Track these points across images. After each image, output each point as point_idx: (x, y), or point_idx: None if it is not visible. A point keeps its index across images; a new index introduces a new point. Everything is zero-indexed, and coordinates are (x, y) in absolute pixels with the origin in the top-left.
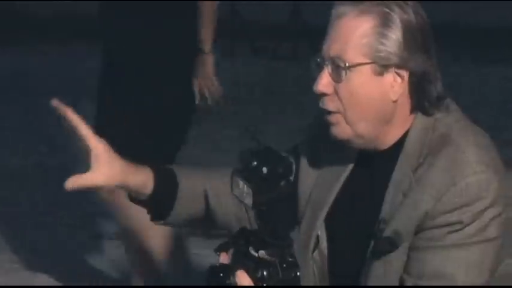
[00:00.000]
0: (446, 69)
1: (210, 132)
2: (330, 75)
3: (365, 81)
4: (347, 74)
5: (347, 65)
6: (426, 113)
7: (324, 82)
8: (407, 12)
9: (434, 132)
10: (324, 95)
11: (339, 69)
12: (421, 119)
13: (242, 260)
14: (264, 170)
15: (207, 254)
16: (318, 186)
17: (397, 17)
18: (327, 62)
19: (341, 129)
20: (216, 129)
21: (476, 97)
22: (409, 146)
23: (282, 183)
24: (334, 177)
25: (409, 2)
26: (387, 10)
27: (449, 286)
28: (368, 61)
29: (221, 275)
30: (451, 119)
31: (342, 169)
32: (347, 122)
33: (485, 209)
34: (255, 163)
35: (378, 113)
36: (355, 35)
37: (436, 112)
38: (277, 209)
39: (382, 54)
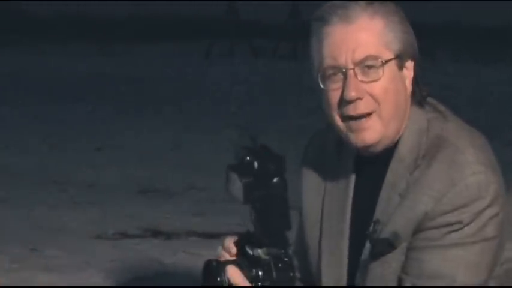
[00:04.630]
0: (446, 69)
1: (210, 132)
2: (358, 79)
3: (394, 76)
4: (384, 70)
5: (383, 61)
6: (418, 101)
7: (354, 87)
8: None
9: (429, 134)
10: (357, 99)
11: (372, 69)
12: (414, 118)
13: (237, 257)
14: (255, 164)
15: (207, 254)
16: (328, 216)
17: (395, 12)
18: (351, 68)
19: (373, 131)
20: (216, 129)
21: (475, 97)
22: (403, 147)
23: (274, 180)
24: (341, 205)
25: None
26: (388, 8)
27: (448, 286)
28: (394, 56)
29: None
30: (443, 120)
31: (346, 195)
32: (382, 120)
33: (484, 209)
34: (248, 158)
35: (401, 108)
36: (377, 34)
37: (426, 95)
38: (271, 208)
39: (402, 47)
